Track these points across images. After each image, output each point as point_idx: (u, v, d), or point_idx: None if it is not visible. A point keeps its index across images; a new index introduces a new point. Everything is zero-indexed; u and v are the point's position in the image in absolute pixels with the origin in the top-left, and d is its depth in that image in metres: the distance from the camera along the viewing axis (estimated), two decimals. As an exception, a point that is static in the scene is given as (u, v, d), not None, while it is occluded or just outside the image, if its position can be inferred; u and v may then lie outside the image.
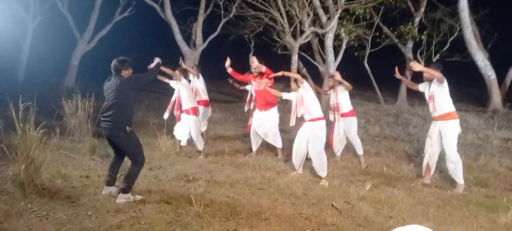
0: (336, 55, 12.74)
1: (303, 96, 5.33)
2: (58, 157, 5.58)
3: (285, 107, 6.94)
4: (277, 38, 13.37)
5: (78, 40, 14.69)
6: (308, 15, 12.11)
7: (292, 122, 5.54)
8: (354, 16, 12.53)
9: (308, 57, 14.09)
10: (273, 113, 6.33)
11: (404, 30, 13.62)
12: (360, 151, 6.11)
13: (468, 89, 16.87)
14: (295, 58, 12.37)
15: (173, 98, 6.44)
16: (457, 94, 16.46)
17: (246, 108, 7.15)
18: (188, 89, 6.33)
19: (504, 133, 8.44)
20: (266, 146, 6.77)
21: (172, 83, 6.52)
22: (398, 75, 5.69)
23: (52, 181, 4.67)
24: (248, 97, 7.12)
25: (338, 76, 6.02)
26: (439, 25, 14.07)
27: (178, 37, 13.44)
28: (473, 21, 12.65)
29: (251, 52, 17.05)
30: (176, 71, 6.20)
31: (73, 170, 5.13)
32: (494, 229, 3.82)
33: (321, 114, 5.39)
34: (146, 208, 4.06)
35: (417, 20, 14.05)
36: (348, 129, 6.13)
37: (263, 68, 6.08)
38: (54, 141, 6.24)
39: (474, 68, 12.31)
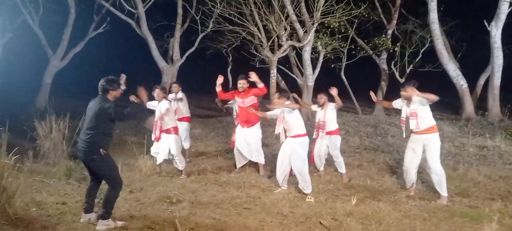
0: (313, 68, 12.90)
1: (286, 116, 5.27)
2: (31, 183, 5.31)
3: (267, 121, 6.89)
4: (255, 52, 13.43)
5: (51, 57, 14.22)
6: (285, 29, 12.24)
7: (277, 130, 5.41)
8: (329, 30, 12.78)
9: (286, 70, 14.19)
10: (256, 130, 6.27)
11: (378, 42, 13.99)
12: (342, 170, 6.10)
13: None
14: (273, 71, 12.43)
15: (156, 118, 6.12)
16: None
17: (236, 123, 6.92)
18: (170, 108, 6.15)
19: (479, 140, 8.69)
20: (249, 163, 6.66)
21: (153, 103, 6.17)
22: (374, 98, 5.92)
23: (26, 209, 4.41)
24: (235, 114, 6.94)
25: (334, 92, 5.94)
26: (411, 36, 14.51)
27: (155, 53, 13.26)
28: (443, 32, 13.10)
29: (229, 67, 17.08)
30: (157, 91, 6.01)
31: (48, 197, 4.87)
32: (480, 240, 3.87)
33: (304, 131, 5.33)
34: (128, 235, 3.89)
35: (390, 32, 14.47)
36: (332, 147, 6.09)
37: (261, 85, 6.12)
38: (27, 166, 5.96)
39: (446, 78, 12.72)
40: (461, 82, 12.14)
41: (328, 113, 6.02)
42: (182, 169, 6.18)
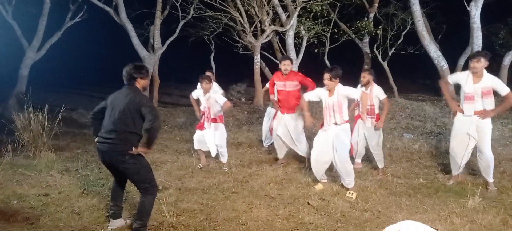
0: (297, 53, 12.88)
1: (342, 102, 4.59)
2: (12, 176, 5.17)
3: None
4: (238, 38, 13.30)
5: (26, 48, 13.74)
6: (268, 14, 12.13)
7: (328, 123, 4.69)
8: (312, 14, 12.74)
9: (270, 56, 14.13)
10: (297, 116, 5.70)
11: (361, 25, 14.04)
12: (381, 164, 5.42)
13: (422, 80, 17.69)
14: (257, 57, 12.35)
15: (202, 109, 5.75)
16: (412, 85, 17.30)
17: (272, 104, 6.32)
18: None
19: (460, 120, 8.87)
20: (236, 151, 6.62)
21: (198, 94, 5.85)
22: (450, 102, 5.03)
23: (7, 202, 4.30)
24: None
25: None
26: (393, 19, 14.62)
27: (135, 41, 12.94)
28: (423, 14, 13.22)
29: (212, 54, 16.92)
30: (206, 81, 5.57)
31: (30, 189, 4.75)
32: (464, 213, 3.95)
33: (347, 117, 4.70)
34: (115, 224, 3.81)
35: (371, 15, 14.52)
36: (371, 136, 5.31)
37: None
38: (6, 159, 5.79)
39: (427, 59, 12.90)
40: (442, 63, 12.31)
41: (374, 96, 5.27)
42: (225, 161, 5.86)
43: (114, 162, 3.46)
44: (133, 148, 3.40)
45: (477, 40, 11.58)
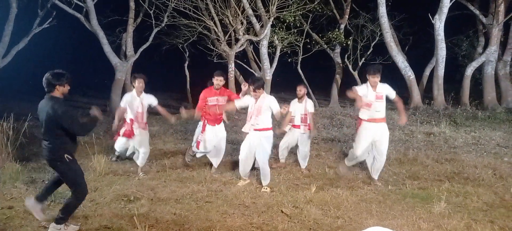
0: (271, 62, 13.03)
1: (263, 107, 5.07)
2: (-27, 188, 4.91)
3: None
4: (212, 47, 13.31)
5: (-10, 55, 13.18)
6: (242, 23, 12.24)
7: (248, 128, 5.17)
8: (285, 24, 12.97)
9: (244, 65, 14.21)
10: (223, 128, 6.03)
11: (332, 36, 14.41)
12: (305, 163, 6.11)
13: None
14: (231, 66, 12.40)
15: (131, 114, 5.85)
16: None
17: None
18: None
19: (426, 128, 9.24)
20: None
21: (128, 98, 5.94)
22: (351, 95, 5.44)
23: (-33, 216, 4.08)
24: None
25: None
26: (363, 31, 15.10)
27: (107, 49, 12.71)
28: (391, 26, 13.73)
29: (186, 62, 16.82)
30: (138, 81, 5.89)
31: (-7, 202, 4.54)
32: (430, 218, 4.11)
33: (270, 125, 5.18)
34: (84, 236, 3.71)
35: (342, 26, 14.95)
36: (305, 142, 5.99)
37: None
38: (-33, 170, 5.51)
39: (395, 69, 13.36)
40: (409, 73, 12.80)
41: (308, 107, 5.94)
42: (141, 166, 6.00)
43: (51, 164, 3.82)
44: (66, 155, 3.70)
45: (441, 52, 12.14)
